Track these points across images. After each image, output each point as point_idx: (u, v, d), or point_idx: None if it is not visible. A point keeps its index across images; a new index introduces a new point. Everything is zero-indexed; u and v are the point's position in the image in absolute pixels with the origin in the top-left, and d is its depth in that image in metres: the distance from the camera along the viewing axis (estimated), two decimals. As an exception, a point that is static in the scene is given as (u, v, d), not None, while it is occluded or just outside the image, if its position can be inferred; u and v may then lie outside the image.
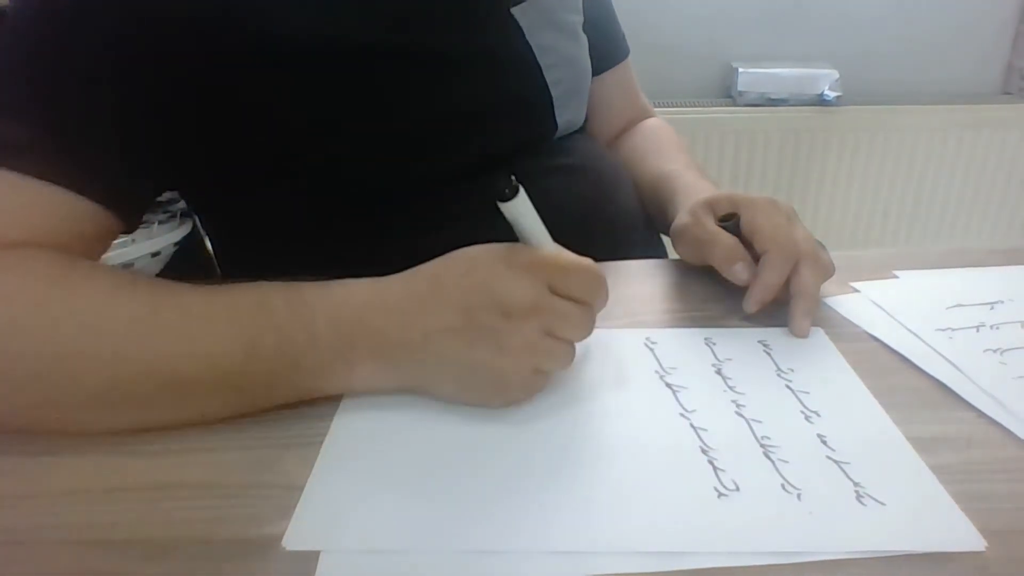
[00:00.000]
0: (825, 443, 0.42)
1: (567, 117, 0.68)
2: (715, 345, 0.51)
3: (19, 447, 0.42)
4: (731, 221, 0.56)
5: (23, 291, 0.43)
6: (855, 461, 0.40)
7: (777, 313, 0.53)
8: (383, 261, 0.46)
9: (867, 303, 0.56)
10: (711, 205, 0.58)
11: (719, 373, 0.48)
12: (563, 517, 0.37)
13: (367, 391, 0.45)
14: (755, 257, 0.54)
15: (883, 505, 0.37)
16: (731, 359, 0.50)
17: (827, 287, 0.56)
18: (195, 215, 0.97)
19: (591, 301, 0.45)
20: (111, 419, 0.42)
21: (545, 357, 0.44)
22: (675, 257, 0.63)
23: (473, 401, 0.45)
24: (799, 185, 1.70)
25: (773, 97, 1.63)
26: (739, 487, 0.39)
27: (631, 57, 0.84)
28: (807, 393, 0.46)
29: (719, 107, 1.64)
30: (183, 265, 1.18)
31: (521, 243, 0.45)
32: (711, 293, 0.58)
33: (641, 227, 0.72)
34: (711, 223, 0.57)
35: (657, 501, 0.38)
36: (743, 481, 0.39)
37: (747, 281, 0.54)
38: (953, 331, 0.53)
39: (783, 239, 0.53)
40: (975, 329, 0.53)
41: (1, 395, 0.41)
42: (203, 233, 0.80)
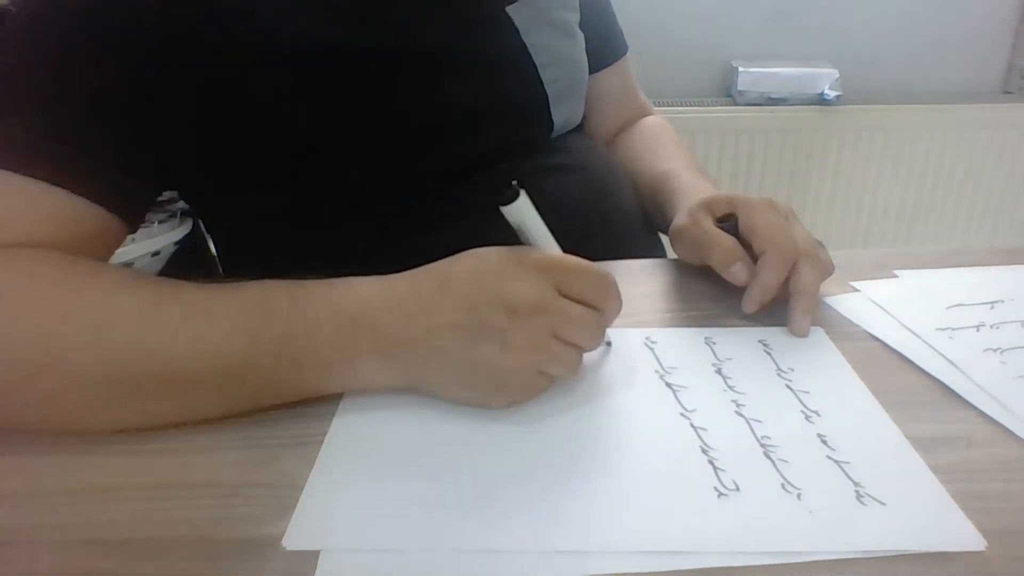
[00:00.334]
0: (825, 443, 0.42)
1: (564, 116, 0.67)
2: (715, 345, 0.51)
3: (19, 447, 0.42)
4: (729, 221, 0.56)
5: (27, 289, 0.43)
6: (855, 461, 0.40)
7: (777, 312, 0.53)
8: (382, 260, 0.46)
9: (867, 303, 0.56)
10: (709, 206, 0.58)
11: (719, 373, 0.48)
12: (563, 517, 0.37)
13: (369, 389, 0.45)
14: (754, 257, 0.54)
15: (883, 505, 0.37)
16: (731, 359, 0.50)
17: (827, 286, 0.56)
18: (197, 216, 0.97)
19: (600, 306, 0.44)
20: (114, 416, 0.42)
21: (549, 359, 0.43)
22: (674, 257, 0.63)
23: (474, 401, 0.44)
24: (799, 185, 1.70)
25: (773, 97, 1.63)
26: (739, 487, 0.38)
27: (630, 56, 0.84)
28: (807, 393, 0.46)
29: (719, 107, 1.64)
30: (183, 265, 1.18)
31: (529, 246, 0.45)
32: (711, 293, 0.57)
33: (639, 226, 0.72)
34: (709, 224, 0.57)
35: (657, 501, 0.38)
36: (743, 481, 0.39)
37: (745, 281, 0.54)
38: (953, 331, 0.53)
39: (781, 239, 0.53)
40: (975, 329, 0.53)
41: (5, 391, 0.41)
42: (205, 234, 0.81)
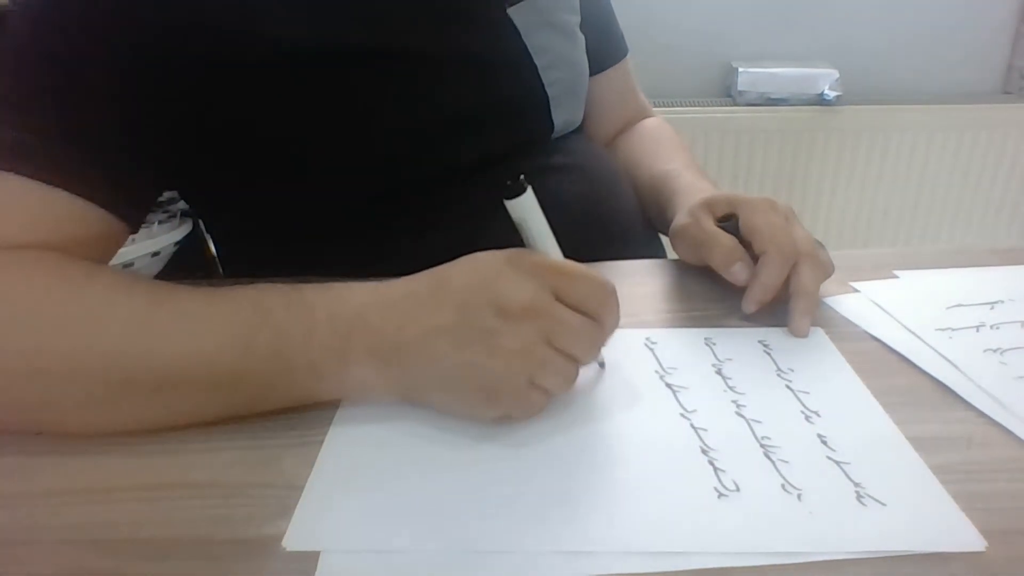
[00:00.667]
0: (825, 443, 0.42)
1: (564, 117, 0.68)
2: (715, 345, 0.51)
3: (19, 447, 0.42)
4: (730, 222, 0.56)
5: (23, 291, 0.43)
6: (855, 461, 0.40)
7: (777, 313, 0.53)
8: (382, 261, 0.46)
9: (867, 303, 0.56)
10: (710, 205, 0.58)
11: (719, 373, 0.48)
12: (563, 517, 0.37)
13: (361, 397, 0.45)
14: (754, 257, 0.54)
15: (883, 505, 0.37)
16: (731, 359, 0.50)
17: (827, 287, 0.56)
18: (197, 216, 0.97)
19: (598, 314, 0.42)
20: (109, 419, 0.42)
21: (541, 368, 0.41)
22: (674, 257, 0.63)
23: (462, 411, 0.43)
24: (799, 185, 1.70)
25: (773, 97, 1.63)
26: (739, 487, 0.38)
27: (630, 57, 0.84)
28: (807, 393, 0.46)
29: (719, 107, 1.64)
30: (183, 265, 1.18)
31: (528, 248, 0.44)
32: (711, 293, 0.57)
33: (639, 227, 0.72)
34: (710, 224, 0.57)
35: (657, 501, 0.38)
36: (743, 481, 0.39)
37: (746, 281, 0.54)
38: (953, 331, 0.53)
39: (781, 239, 0.53)
40: (975, 329, 0.53)
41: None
42: (205, 234, 0.81)
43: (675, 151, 0.77)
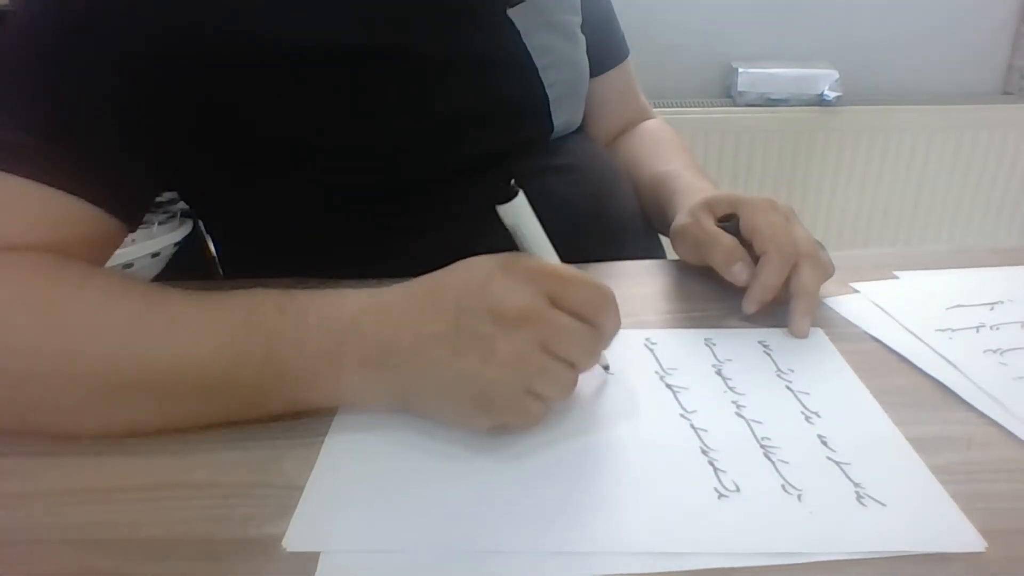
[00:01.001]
0: (825, 444, 0.42)
1: (564, 118, 0.68)
2: (715, 346, 0.51)
3: (19, 447, 0.42)
4: (730, 222, 0.56)
5: (17, 293, 0.43)
6: (855, 462, 0.40)
7: (777, 313, 0.53)
8: (382, 261, 0.46)
9: (867, 303, 0.56)
10: (710, 205, 0.58)
11: (719, 374, 0.48)
12: (563, 517, 0.37)
13: (356, 404, 0.44)
14: (754, 258, 0.54)
15: (883, 506, 0.37)
16: (731, 360, 0.50)
17: (827, 287, 0.56)
18: (197, 217, 0.97)
19: (596, 320, 0.41)
20: (101, 423, 0.42)
21: (538, 375, 0.40)
22: (674, 257, 0.63)
23: (457, 420, 0.42)
24: (799, 185, 1.70)
25: (773, 97, 1.63)
26: (739, 488, 0.39)
27: (631, 57, 0.84)
28: (807, 394, 0.46)
29: (719, 107, 1.64)
30: (183, 265, 1.18)
31: (523, 252, 0.44)
32: (711, 293, 0.57)
33: (639, 228, 0.72)
34: (710, 223, 0.57)
35: (657, 502, 0.38)
36: (743, 482, 0.39)
37: (746, 281, 0.54)
38: (953, 331, 0.53)
39: (782, 239, 0.53)
40: (975, 329, 0.53)
41: None
42: (205, 234, 0.81)
43: (675, 152, 0.77)
